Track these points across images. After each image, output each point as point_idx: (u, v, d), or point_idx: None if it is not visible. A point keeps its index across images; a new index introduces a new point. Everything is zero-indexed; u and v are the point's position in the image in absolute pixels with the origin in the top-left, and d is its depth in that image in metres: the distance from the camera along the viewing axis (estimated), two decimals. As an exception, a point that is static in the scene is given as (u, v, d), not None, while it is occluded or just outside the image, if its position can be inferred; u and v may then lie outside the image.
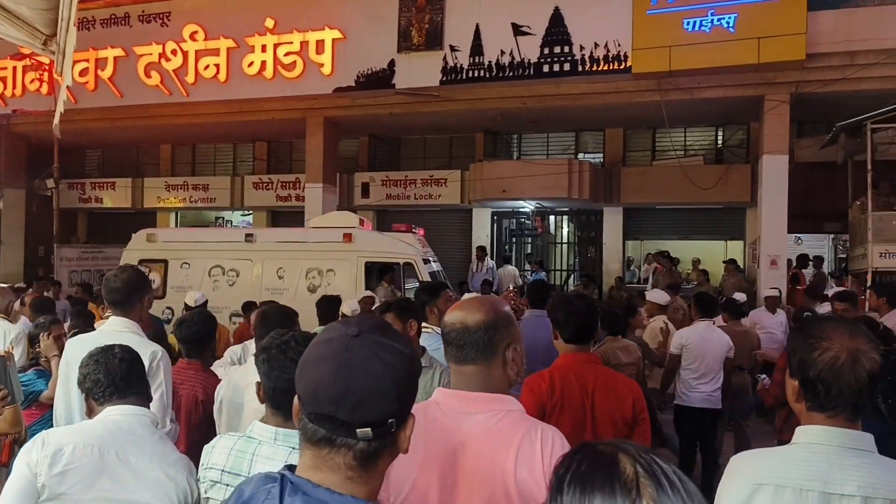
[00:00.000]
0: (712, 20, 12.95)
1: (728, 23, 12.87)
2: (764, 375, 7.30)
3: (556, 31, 14.11)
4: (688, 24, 13.08)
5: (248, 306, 9.58)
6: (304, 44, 15.93)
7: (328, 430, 1.38)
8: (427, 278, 11.43)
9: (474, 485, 1.99)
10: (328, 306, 7.10)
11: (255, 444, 2.38)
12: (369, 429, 1.37)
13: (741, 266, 16.26)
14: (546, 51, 14.21)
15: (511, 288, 13.28)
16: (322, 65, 15.76)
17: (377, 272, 11.73)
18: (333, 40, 15.70)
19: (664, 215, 18.12)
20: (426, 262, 11.95)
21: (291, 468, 1.43)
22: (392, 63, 15.32)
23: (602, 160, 18.12)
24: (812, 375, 1.98)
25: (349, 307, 7.59)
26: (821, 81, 12.88)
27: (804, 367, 2.00)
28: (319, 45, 15.81)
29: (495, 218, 19.13)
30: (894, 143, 13.04)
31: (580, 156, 18.11)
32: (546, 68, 14.26)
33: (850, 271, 13.96)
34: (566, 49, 14.09)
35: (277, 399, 2.42)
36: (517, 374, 2.18)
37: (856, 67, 12.53)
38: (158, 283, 12.54)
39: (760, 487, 1.97)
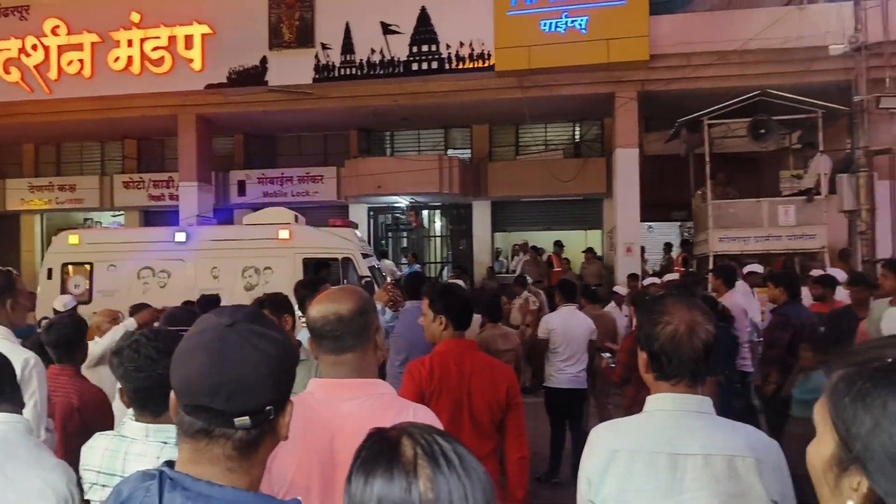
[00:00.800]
0: (566, 22, 13.82)
1: (580, 24, 13.77)
2: (608, 354, 7.87)
3: (424, 30, 14.60)
4: (544, 25, 13.90)
5: (138, 308, 9.09)
6: (172, 38, 15.69)
7: (205, 422, 1.36)
8: (366, 273, 11.45)
9: None
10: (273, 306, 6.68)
11: (126, 442, 2.31)
12: (247, 417, 1.35)
13: (600, 254, 17.30)
14: (414, 49, 14.68)
15: (389, 280, 13.64)
16: (192, 60, 15.59)
17: (315, 268, 11.53)
18: (203, 35, 15.54)
19: (529, 207, 19.00)
20: (365, 256, 11.90)
21: (170, 464, 1.39)
22: (264, 60, 15.36)
23: (470, 156, 18.78)
24: (656, 348, 2.11)
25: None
26: (663, 80, 13.96)
27: (649, 340, 2.13)
28: (188, 39, 15.61)
29: (371, 213, 19.43)
30: (728, 138, 14.18)
31: (449, 152, 18.72)
32: (415, 66, 14.72)
33: (696, 255, 15.04)
34: (433, 48, 14.61)
35: (140, 398, 2.35)
36: (382, 356, 2.26)
37: (693, 68, 13.65)
38: (84, 288, 12.03)
39: (616, 454, 2.09)
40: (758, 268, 9.67)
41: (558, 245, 17.15)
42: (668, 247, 17.43)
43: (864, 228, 12.88)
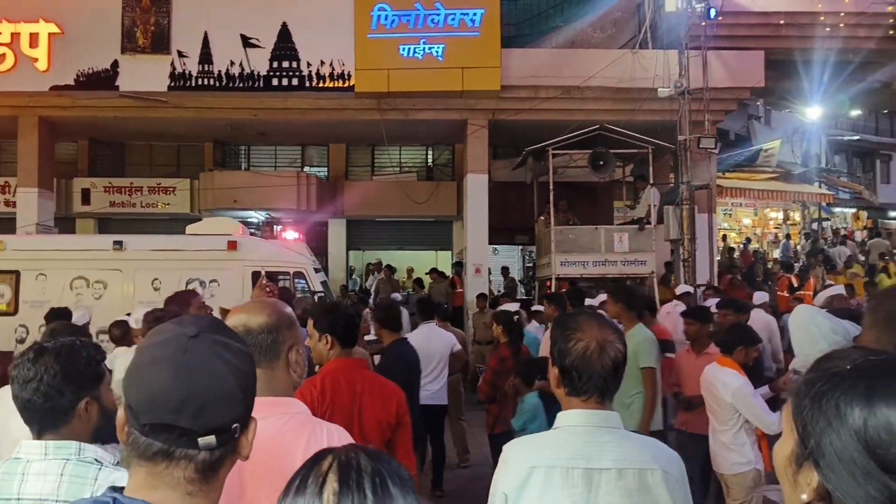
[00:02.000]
0: (424, 48, 14.26)
1: (437, 52, 14.25)
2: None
3: (285, 46, 14.50)
4: (403, 50, 14.27)
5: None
6: (15, 35, 14.67)
7: (165, 442, 1.24)
8: (318, 287, 11.06)
9: (262, 492, 1.88)
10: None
11: (23, 463, 2.09)
12: (213, 436, 1.25)
13: (446, 274, 17.79)
14: (275, 64, 14.55)
15: (264, 279, 13.36)
16: (37, 60, 14.63)
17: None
18: (49, 34, 14.60)
19: (383, 227, 19.28)
20: (317, 270, 11.47)
21: (118, 489, 1.28)
22: (115, 64, 14.69)
23: (327, 174, 18.84)
24: (567, 363, 2.12)
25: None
26: (512, 110, 14.66)
27: (562, 355, 2.15)
28: (33, 38, 14.62)
29: (225, 228, 19.01)
30: (570, 167, 15.00)
31: (306, 169, 18.72)
32: (275, 82, 14.60)
33: (538, 278, 15.72)
34: (294, 64, 14.57)
35: (28, 416, 2.16)
36: (300, 377, 2.16)
37: (539, 100, 14.44)
38: (10, 297, 11.01)
39: (534, 470, 2.10)
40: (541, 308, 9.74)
41: (458, 265, 17.36)
42: (505, 271, 18.22)
43: (686, 256, 13.94)
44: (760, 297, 10.24)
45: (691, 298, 10.98)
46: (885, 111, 28.30)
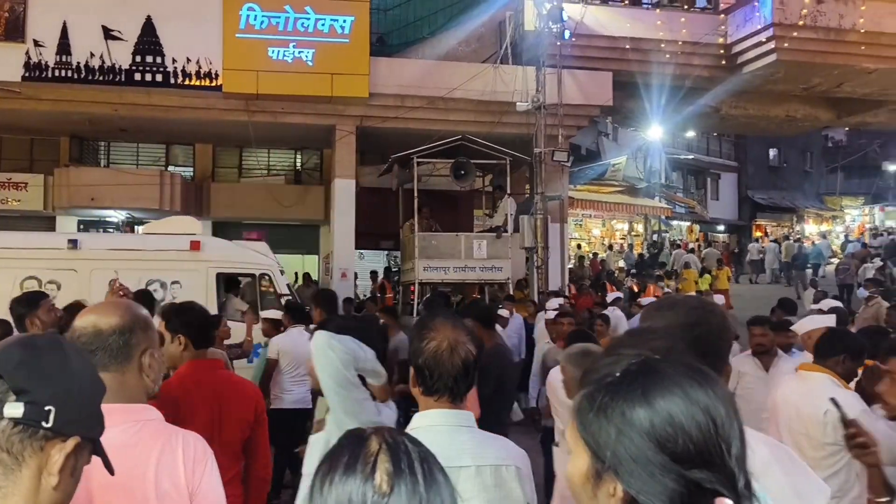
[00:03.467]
0: (294, 52, 14.12)
1: (307, 56, 14.15)
2: None
3: (149, 40, 13.94)
4: (273, 52, 14.06)
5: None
6: None
7: None
8: (284, 290, 10.53)
9: None
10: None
11: None
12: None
13: (315, 278, 17.63)
14: (138, 59, 13.96)
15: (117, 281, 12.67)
16: None
17: (226, 284, 10.38)
18: None
19: (250, 230, 18.82)
20: (282, 272, 10.86)
21: None
22: (-36, 50, 13.72)
23: (192, 174, 18.22)
24: (420, 362, 2.13)
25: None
26: (380, 118, 14.77)
27: (415, 355, 2.16)
28: None
29: (81, 227, 17.88)
30: (433, 176, 15.19)
31: (170, 168, 18.02)
32: (138, 76, 14.00)
33: (402, 282, 15.83)
34: (159, 60, 14.02)
35: None
36: (154, 382, 2.04)
37: (406, 109, 14.65)
38: None
39: None
40: (504, 312, 9.89)
41: (389, 271, 17.10)
42: (374, 274, 18.26)
43: (539, 263, 14.47)
44: (613, 295, 10.88)
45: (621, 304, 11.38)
46: (715, 133, 30.56)
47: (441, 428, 2.11)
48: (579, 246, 23.90)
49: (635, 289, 18.43)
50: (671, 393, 1.08)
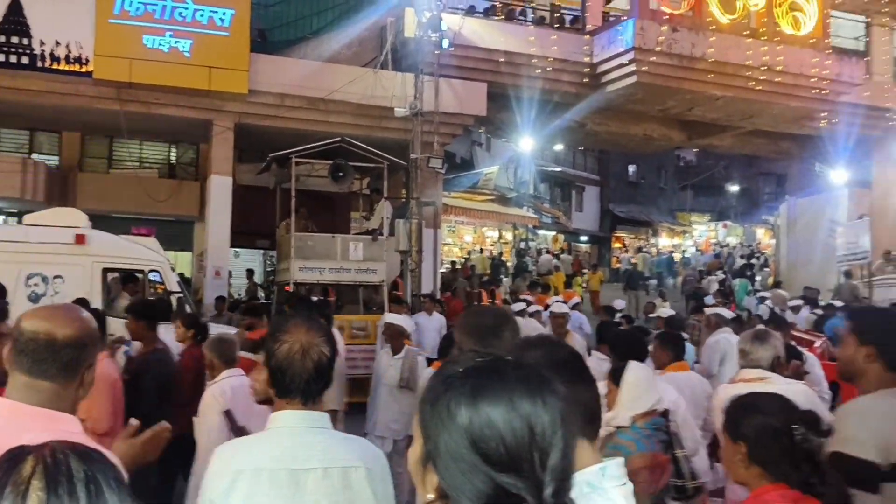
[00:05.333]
0: (170, 42, 13.55)
1: (184, 47, 13.63)
2: None
3: (15, 20, 12.98)
4: (148, 40, 13.44)
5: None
6: None
7: None
8: (175, 287, 9.99)
9: None
10: None
11: None
12: None
13: (188, 276, 17.01)
14: (3, 39, 13.01)
15: None
16: None
17: (116, 280, 9.65)
18: None
19: (119, 223, 17.81)
20: (173, 269, 10.19)
21: None
22: None
23: (58, 163, 17.12)
24: (273, 364, 2.12)
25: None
26: (259, 115, 14.48)
27: (269, 357, 2.14)
28: None
29: (-71, 215, 16.55)
30: (311, 176, 14.97)
31: (34, 156, 16.87)
32: (2, 58, 13.07)
33: (277, 282, 15.52)
34: (25, 41, 13.11)
35: None
36: (83, 398, 1.97)
37: (286, 108, 14.44)
38: None
39: (240, 474, 2.03)
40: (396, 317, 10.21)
41: (250, 272, 16.59)
42: (250, 273, 17.85)
43: (413, 267, 14.56)
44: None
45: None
46: (581, 148, 31.88)
47: (292, 429, 2.10)
48: (469, 253, 24.33)
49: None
50: (497, 397, 1.09)
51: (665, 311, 10.76)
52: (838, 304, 13.98)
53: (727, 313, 8.45)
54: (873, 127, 19.64)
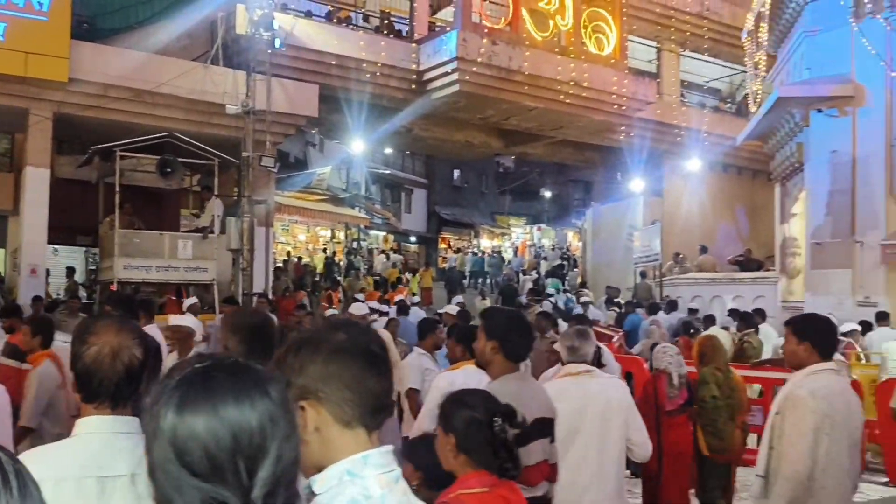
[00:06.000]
0: (-17, 24, 12.47)
1: (-3, 30, 12.58)
2: None
3: None
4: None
5: None
6: None
7: None
8: None
9: None
10: None
11: None
12: None
13: (1, 274, 15.67)
14: None
15: None
16: None
17: None
18: None
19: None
20: None
21: None
22: None
23: None
24: (80, 368, 1.97)
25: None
26: (80, 105, 13.62)
27: (75, 360, 1.99)
28: None
29: None
30: (137, 171, 14.30)
31: None
32: None
33: (100, 281, 14.68)
34: None
35: None
36: None
37: (110, 99, 13.68)
38: None
39: (42, 483, 1.79)
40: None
41: (71, 270, 15.48)
42: (70, 271, 16.72)
43: (245, 266, 14.23)
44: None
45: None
46: (409, 152, 32.57)
47: (100, 435, 1.96)
48: (299, 258, 24.03)
49: (333, 297, 19.04)
50: (201, 405, 1.04)
51: (452, 308, 11.24)
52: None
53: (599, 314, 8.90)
54: (663, 141, 21.71)
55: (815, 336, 3.49)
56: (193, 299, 11.69)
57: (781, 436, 3.39)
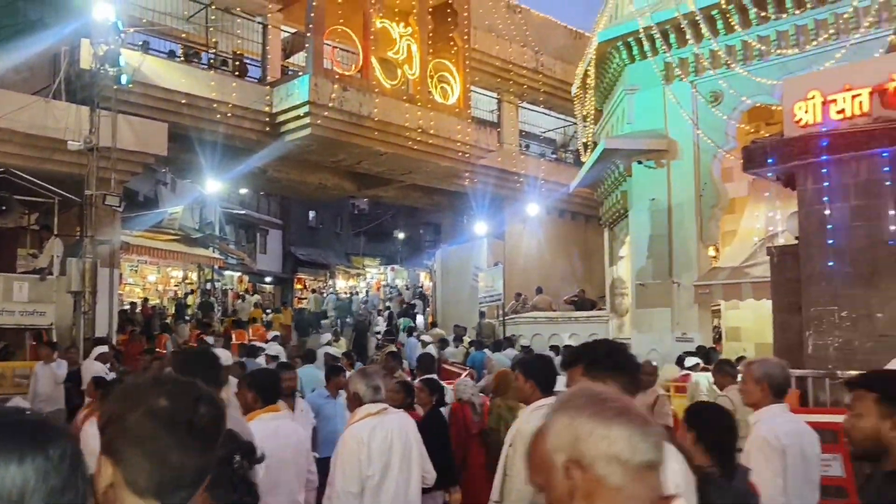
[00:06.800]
0: None
1: None
2: None
3: None
4: None
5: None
6: None
7: None
8: None
9: None
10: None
11: None
12: None
13: None
14: None
15: None
16: None
17: None
18: None
19: None
20: None
21: None
22: None
23: None
24: None
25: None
26: None
27: None
28: None
29: None
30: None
31: None
32: None
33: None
34: None
35: None
36: None
37: None
38: None
39: None
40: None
41: None
42: None
43: (87, 309, 13.36)
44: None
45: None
46: (264, 193, 31.91)
47: None
48: (145, 299, 22.71)
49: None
50: None
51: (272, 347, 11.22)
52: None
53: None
54: (504, 187, 22.67)
55: (537, 374, 3.66)
56: (104, 347, 10.96)
57: (512, 465, 3.49)
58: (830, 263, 7.41)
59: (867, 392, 2.28)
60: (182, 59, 17.14)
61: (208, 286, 27.94)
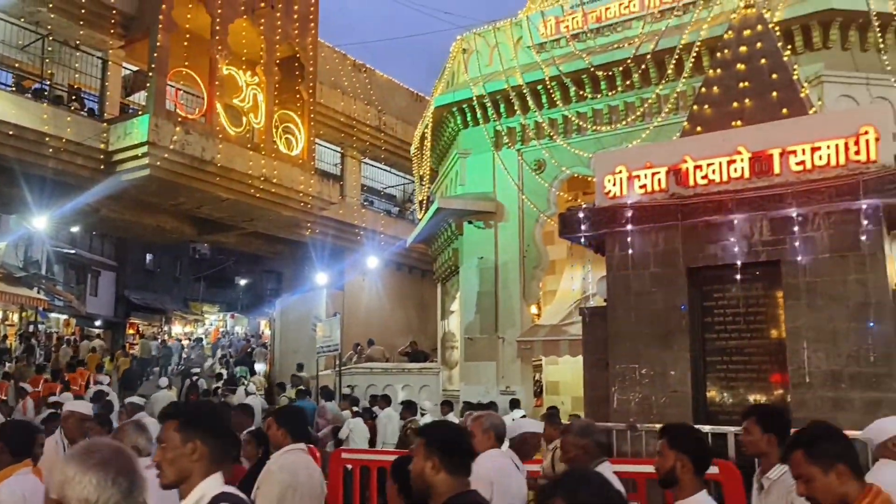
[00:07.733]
0: None
1: None
2: None
3: None
4: None
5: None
6: None
7: None
8: None
9: None
10: None
11: None
12: None
13: None
14: None
15: None
16: None
17: None
18: None
19: None
20: None
21: None
22: None
23: None
24: None
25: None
26: None
27: None
28: None
29: None
30: None
31: None
32: None
33: None
34: None
35: None
36: None
37: None
38: None
39: None
40: None
41: None
42: None
43: None
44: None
45: None
46: (96, 232, 29.22)
47: None
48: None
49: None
50: None
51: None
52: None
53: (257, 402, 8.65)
54: (345, 239, 22.27)
55: (287, 423, 4.09)
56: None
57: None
58: (632, 324, 7.65)
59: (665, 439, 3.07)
60: (13, 89, 15.41)
61: (31, 329, 24.86)
